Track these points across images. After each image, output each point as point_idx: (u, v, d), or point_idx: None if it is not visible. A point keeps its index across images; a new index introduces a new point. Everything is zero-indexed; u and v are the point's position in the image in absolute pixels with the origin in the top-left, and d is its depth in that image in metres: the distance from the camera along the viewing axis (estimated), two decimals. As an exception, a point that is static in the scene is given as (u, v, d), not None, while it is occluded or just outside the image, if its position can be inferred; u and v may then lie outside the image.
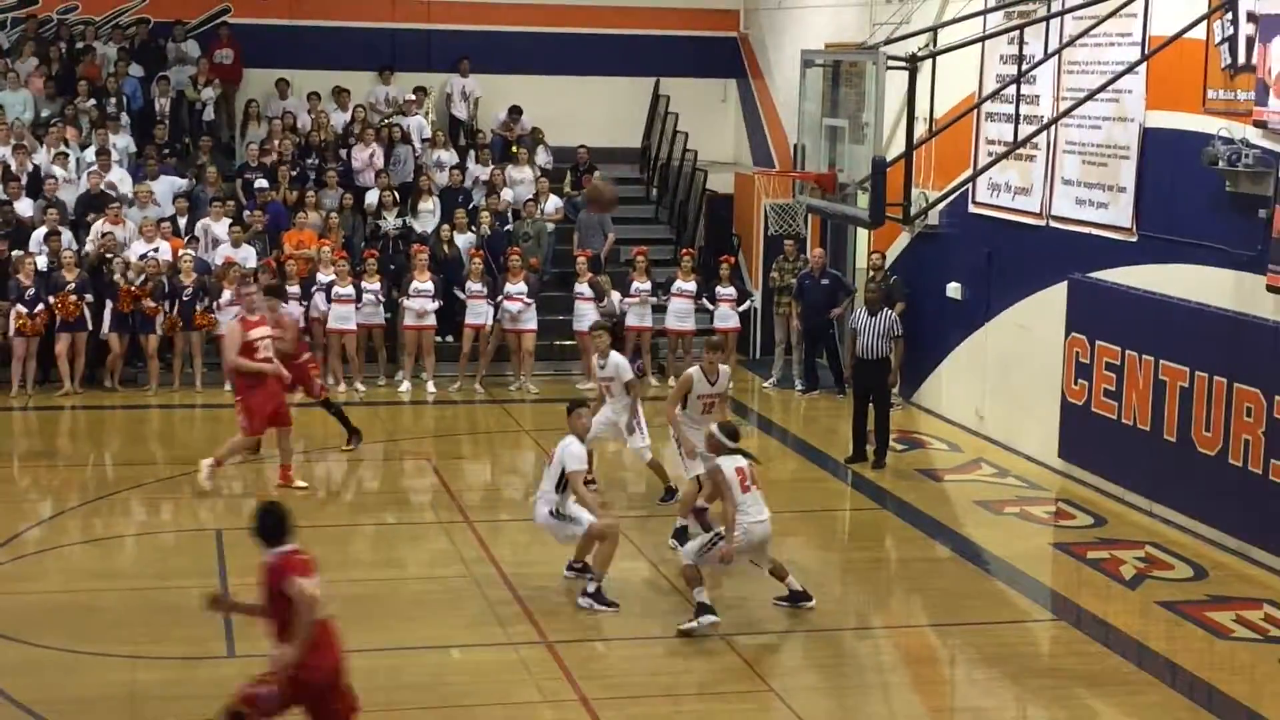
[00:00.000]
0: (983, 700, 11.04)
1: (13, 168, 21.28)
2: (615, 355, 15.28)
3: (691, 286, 21.05)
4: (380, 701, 10.39)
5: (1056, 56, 16.27)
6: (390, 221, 22.06)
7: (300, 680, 8.51)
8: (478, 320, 20.57)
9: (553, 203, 22.96)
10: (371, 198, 22.34)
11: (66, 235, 20.19)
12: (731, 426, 12.27)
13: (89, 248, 20.21)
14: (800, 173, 17.51)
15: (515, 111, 24.46)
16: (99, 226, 20.37)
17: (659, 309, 21.21)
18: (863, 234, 21.07)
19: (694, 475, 13.65)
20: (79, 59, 23.59)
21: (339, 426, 17.28)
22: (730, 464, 11.82)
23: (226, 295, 19.55)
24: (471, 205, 22.42)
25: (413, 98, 24.11)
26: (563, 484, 12.29)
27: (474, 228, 21.77)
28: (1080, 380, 16.07)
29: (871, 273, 19.73)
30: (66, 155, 21.55)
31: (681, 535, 13.44)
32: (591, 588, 12.27)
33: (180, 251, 20.18)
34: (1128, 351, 15.36)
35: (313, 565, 8.64)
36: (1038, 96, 16.96)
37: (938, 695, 11.31)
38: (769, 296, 21.90)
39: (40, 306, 19.18)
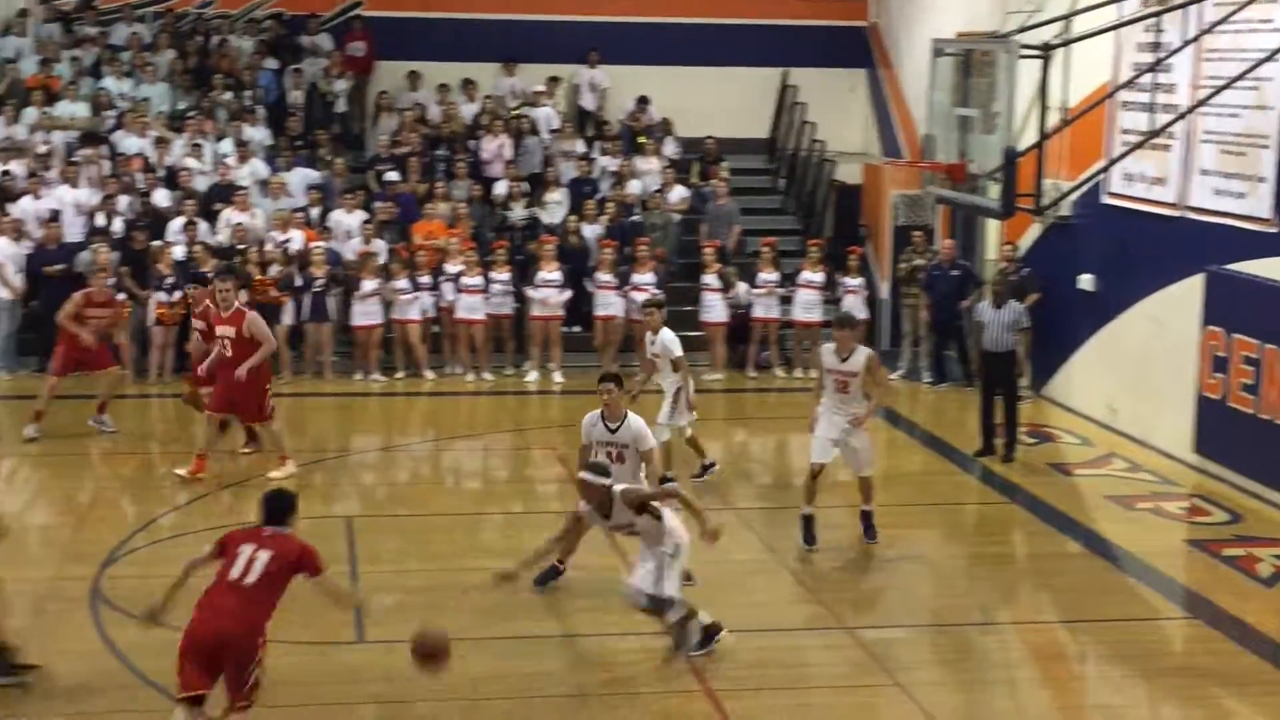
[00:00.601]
0: (1113, 698, 10.87)
1: (151, 160, 21.72)
2: (666, 332, 15.11)
3: (819, 277, 20.96)
4: (511, 688, 10.49)
5: (1194, 43, 15.97)
6: (518, 212, 22.22)
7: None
8: (607, 311, 20.64)
9: (678, 193, 22.96)
10: (500, 189, 22.50)
11: (203, 226, 20.57)
12: (600, 464, 10.96)
13: (221, 236, 20.56)
14: (930, 163, 17.37)
15: (643, 102, 24.50)
16: (228, 215, 20.71)
17: (786, 300, 21.13)
18: (992, 225, 20.83)
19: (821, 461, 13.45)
20: (215, 52, 24.01)
21: (465, 417, 17.38)
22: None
23: (368, 285, 19.80)
24: (599, 196, 22.49)
25: (541, 89, 24.23)
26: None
27: (601, 219, 21.85)
28: (1216, 374, 15.77)
29: (1004, 264, 19.49)
30: (201, 147, 21.93)
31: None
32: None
33: (311, 244, 20.47)
34: (1266, 345, 15.03)
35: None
36: (1174, 85, 16.66)
37: (1067, 692, 11.15)
38: (896, 288, 21.75)
39: (178, 295, 19.55)
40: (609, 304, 20.69)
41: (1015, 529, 14.87)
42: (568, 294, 20.57)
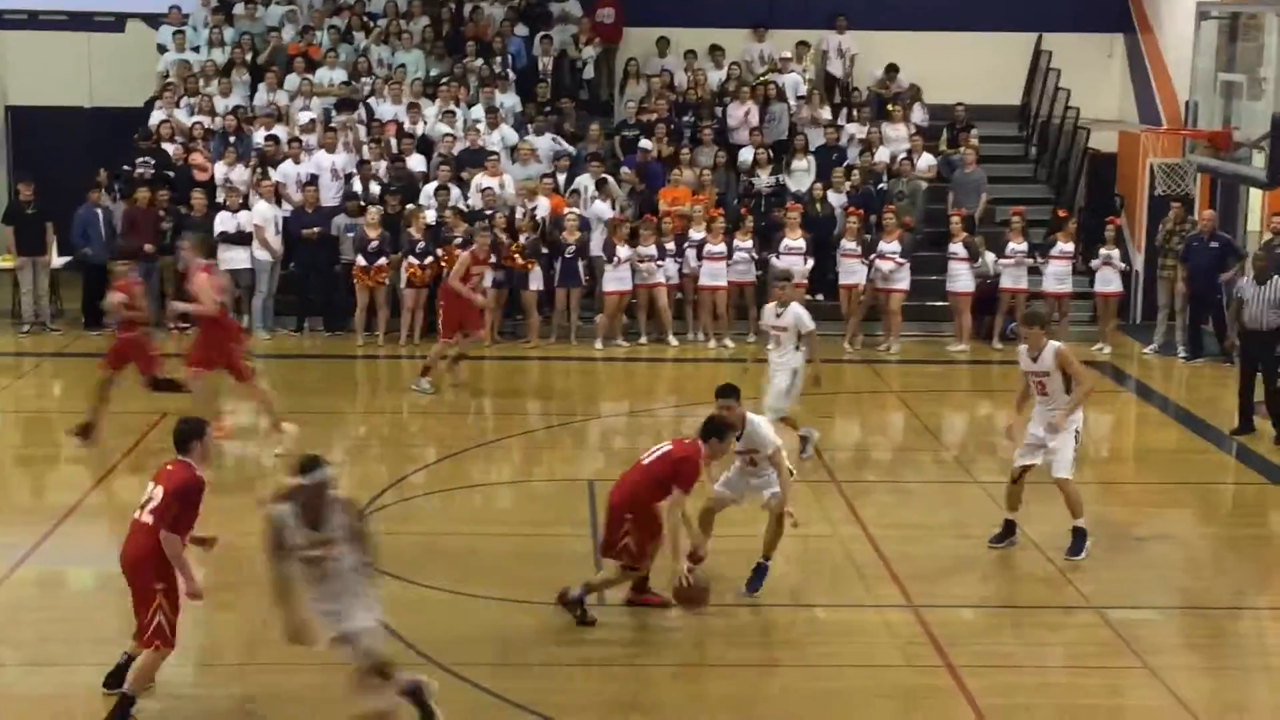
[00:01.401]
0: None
1: (405, 125, 22.20)
2: (795, 306, 14.66)
3: (1070, 248, 20.48)
4: (748, 658, 10.52)
5: None
6: (764, 179, 22.15)
7: None
8: (852, 280, 20.48)
9: (925, 161, 22.62)
10: (745, 155, 22.45)
11: (455, 191, 20.96)
12: (308, 458, 9.11)
13: (472, 201, 20.92)
14: (1192, 130, 16.88)
15: (892, 69, 24.19)
16: (479, 180, 21.07)
17: (1035, 271, 20.69)
18: (1255, 195, 20.09)
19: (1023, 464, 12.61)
20: (468, 19, 24.41)
21: (707, 383, 17.36)
22: None
23: (624, 251, 19.99)
24: (845, 164, 22.29)
25: (789, 55, 24.08)
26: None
27: (847, 186, 21.65)
28: None
29: (1270, 236, 18.73)
30: (454, 113, 22.33)
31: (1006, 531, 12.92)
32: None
33: (565, 209, 20.70)
34: None
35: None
36: None
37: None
38: (1152, 260, 21.13)
39: (430, 259, 19.97)
40: (853, 272, 20.51)
41: (1272, 510, 14.36)
42: (811, 263, 20.45)
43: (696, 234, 20.54)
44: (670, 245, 20.43)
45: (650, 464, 10.90)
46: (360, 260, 20.10)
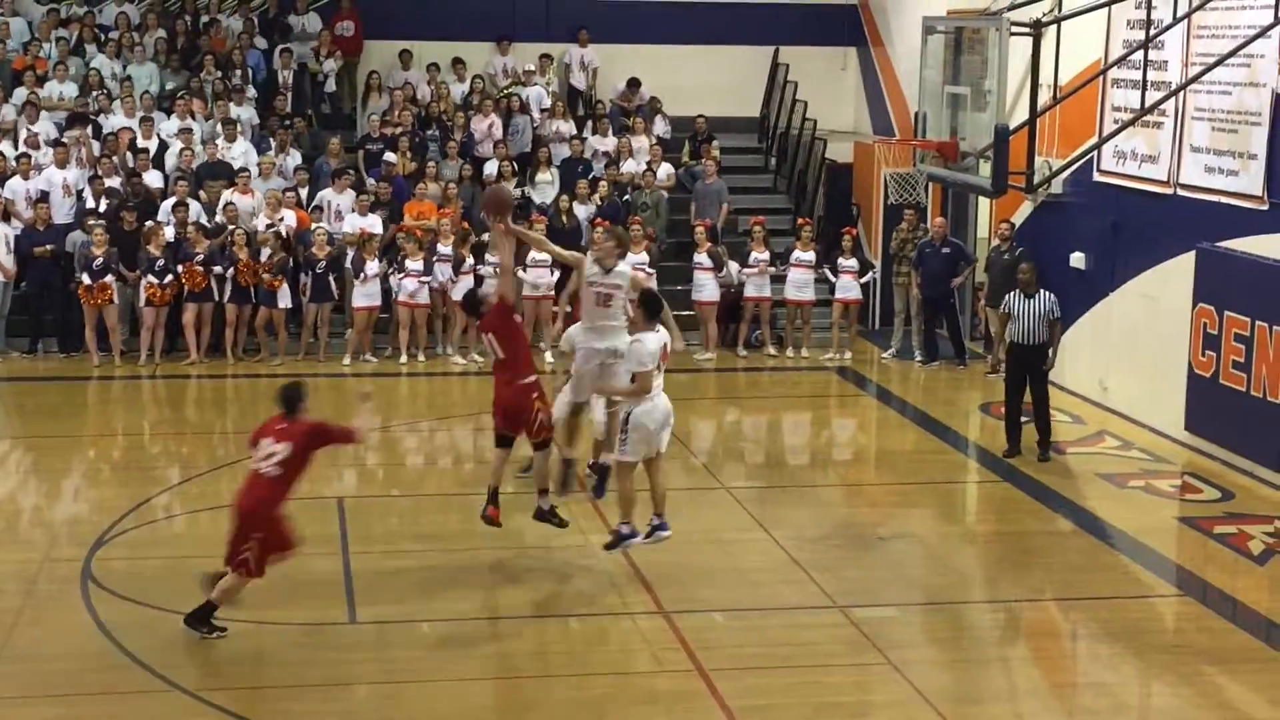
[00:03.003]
0: (1106, 675, 10.87)
1: (139, 140, 21.64)
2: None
3: (810, 256, 20.94)
4: (496, 670, 10.48)
5: (1185, 21, 15.94)
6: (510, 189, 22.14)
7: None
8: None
9: (665, 170, 22.85)
10: (490, 168, 22.43)
11: (195, 206, 20.50)
12: None
13: (219, 218, 20.48)
14: (921, 141, 17.35)
15: (634, 83, 24.43)
16: (227, 195, 20.65)
17: (777, 279, 21.11)
18: (984, 204, 20.81)
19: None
20: (204, 32, 23.92)
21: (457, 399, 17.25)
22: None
23: (371, 267, 19.75)
24: (591, 175, 22.43)
25: (532, 68, 24.15)
26: None
27: (593, 198, 21.78)
28: (1208, 351, 15.76)
29: (998, 242, 19.42)
30: (191, 129, 21.84)
31: None
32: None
33: (313, 225, 20.40)
34: (1258, 322, 15.03)
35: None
36: (1166, 62, 16.63)
37: (1060, 670, 11.16)
38: (888, 266, 21.73)
39: (169, 277, 19.49)
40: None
41: (1007, 507, 14.86)
42: (557, 274, 20.48)
43: (445, 248, 20.41)
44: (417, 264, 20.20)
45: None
46: (85, 279, 19.49)
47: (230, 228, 20.00)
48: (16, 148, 21.18)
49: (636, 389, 11.78)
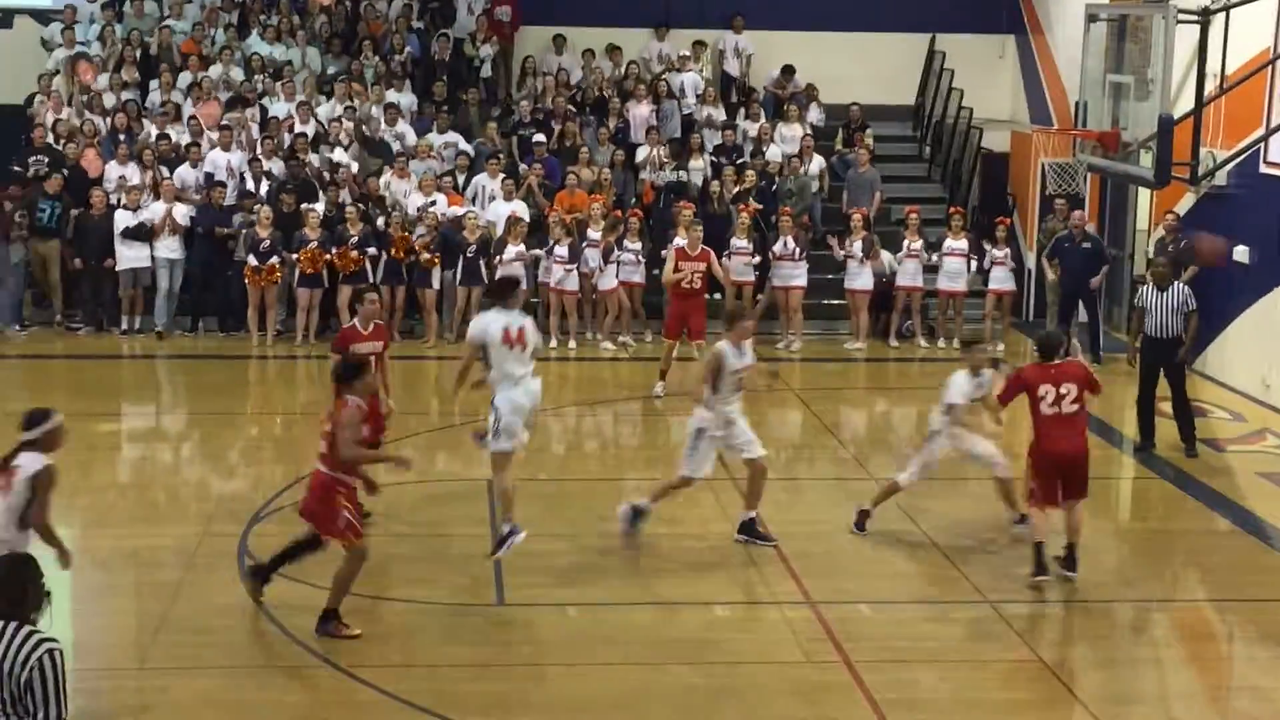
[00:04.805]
0: (1262, 679, 10.63)
1: (297, 124, 21.99)
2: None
3: (963, 245, 20.69)
4: (643, 655, 10.52)
5: (1359, 9, 15.50)
6: (665, 175, 22.17)
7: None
8: (741, 277, 20.48)
9: (817, 161, 22.67)
10: (642, 154, 22.46)
11: (348, 190, 20.81)
12: None
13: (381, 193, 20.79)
14: (1082, 130, 17.09)
15: (788, 70, 24.32)
16: (386, 179, 20.93)
17: (930, 269, 20.89)
18: (1144, 195, 20.42)
19: None
20: (363, 16, 24.24)
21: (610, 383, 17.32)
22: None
23: (511, 250, 19.89)
24: (740, 162, 22.38)
25: (686, 54, 24.13)
26: None
27: (740, 185, 21.72)
28: (1376, 350, 15.31)
29: (1163, 233, 18.87)
30: (353, 110, 22.16)
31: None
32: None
33: (465, 208, 20.60)
34: None
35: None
36: (1338, 51, 16.17)
37: (1214, 672, 10.94)
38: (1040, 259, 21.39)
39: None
40: (743, 271, 20.52)
41: (1164, 505, 14.58)
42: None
43: (594, 233, 20.49)
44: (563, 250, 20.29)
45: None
46: (252, 260, 19.89)
47: (389, 208, 20.26)
48: (181, 133, 21.63)
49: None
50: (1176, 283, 15.57)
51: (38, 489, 9.13)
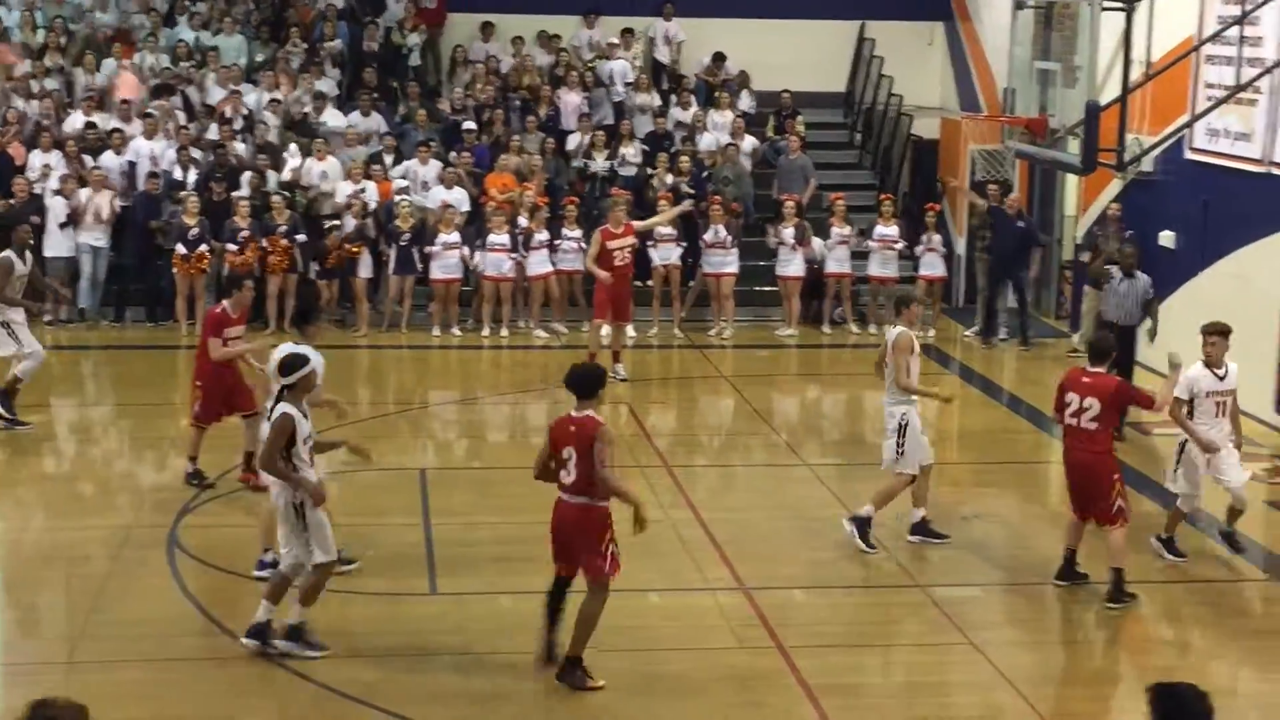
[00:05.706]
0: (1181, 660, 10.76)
1: (227, 112, 21.80)
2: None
3: (892, 231, 20.78)
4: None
5: (1282, -4, 15.67)
6: (599, 163, 22.12)
7: None
8: (665, 260, 20.47)
9: (749, 144, 22.72)
10: (573, 141, 22.41)
11: (273, 177, 20.68)
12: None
13: (286, 175, 20.70)
14: (1010, 117, 17.19)
15: (719, 58, 24.32)
16: (309, 164, 20.78)
17: (860, 255, 20.98)
18: (1071, 182, 20.57)
19: None
20: (292, 4, 24.04)
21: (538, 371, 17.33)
22: None
23: (443, 239, 19.79)
24: (674, 150, 22.37)
25: (616, 41, 24.09)
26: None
27: (673, 172, 21.72)
28: (1300, 333, 15.51)
29: (1112, 226, 18.81)
30: (279, 101, 21.98)
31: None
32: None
33: (397, 197, 20.49)
34: (1352, 304, 14.77)
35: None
36: (1261, 38, 16.35)
37: (1144, 653, 11.04)
38: (971, 243, 21.53)
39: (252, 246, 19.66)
40: (667, 255, 20.51)
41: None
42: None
43: (524, 221, 20.41)
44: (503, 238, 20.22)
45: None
46: (180, 249, 19.69)
47: (315, 198, 20.14)
48: (108, 120, 21.39)
49: None
50: (1139, 272, 15.82)
51: None
